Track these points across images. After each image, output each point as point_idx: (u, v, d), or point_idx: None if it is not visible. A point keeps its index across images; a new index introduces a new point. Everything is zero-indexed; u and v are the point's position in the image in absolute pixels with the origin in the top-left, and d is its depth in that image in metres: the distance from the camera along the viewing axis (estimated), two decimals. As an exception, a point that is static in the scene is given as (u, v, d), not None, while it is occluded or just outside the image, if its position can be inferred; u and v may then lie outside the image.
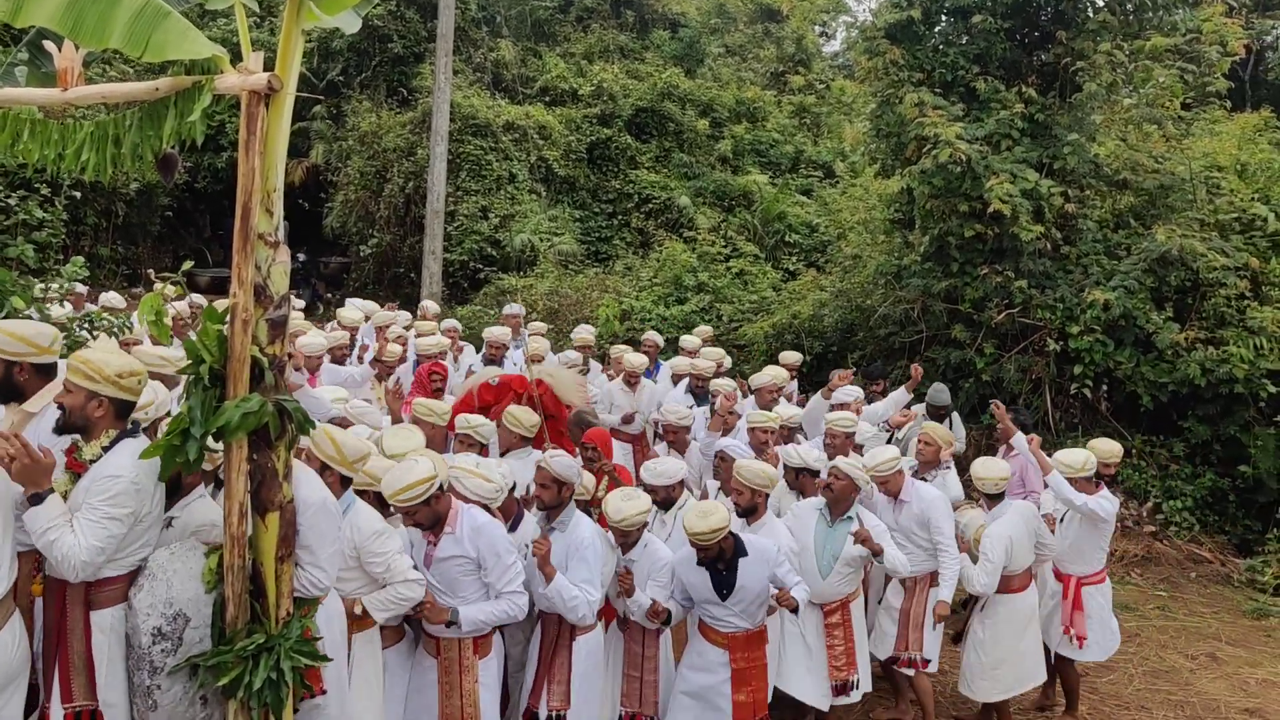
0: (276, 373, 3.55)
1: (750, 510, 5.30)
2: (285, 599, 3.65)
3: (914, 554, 5.86)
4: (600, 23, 23.09)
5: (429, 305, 12.02)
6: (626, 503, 4.85)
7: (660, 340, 10.47)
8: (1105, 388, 10.48)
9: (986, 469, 6.06)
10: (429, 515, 4.29)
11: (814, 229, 17.55)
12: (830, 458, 6.39)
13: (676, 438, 7.24)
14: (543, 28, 22.60)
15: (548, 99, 20.45)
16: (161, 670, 3.58)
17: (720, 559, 4.78)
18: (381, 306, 11.24)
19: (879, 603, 6.41)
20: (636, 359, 9.08)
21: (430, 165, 17.32)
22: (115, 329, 6.16)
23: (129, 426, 3.74)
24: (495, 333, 9.36)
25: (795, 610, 4.98)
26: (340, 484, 4.25)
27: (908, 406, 8.22)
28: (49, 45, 4.30)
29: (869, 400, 8.80)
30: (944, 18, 12.41)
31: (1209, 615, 8.80)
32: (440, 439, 6.15)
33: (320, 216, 19.99)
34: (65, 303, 7.71)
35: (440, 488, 4.31)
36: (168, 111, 3.63)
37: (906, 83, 11.34)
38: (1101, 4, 11.55)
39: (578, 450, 5.98)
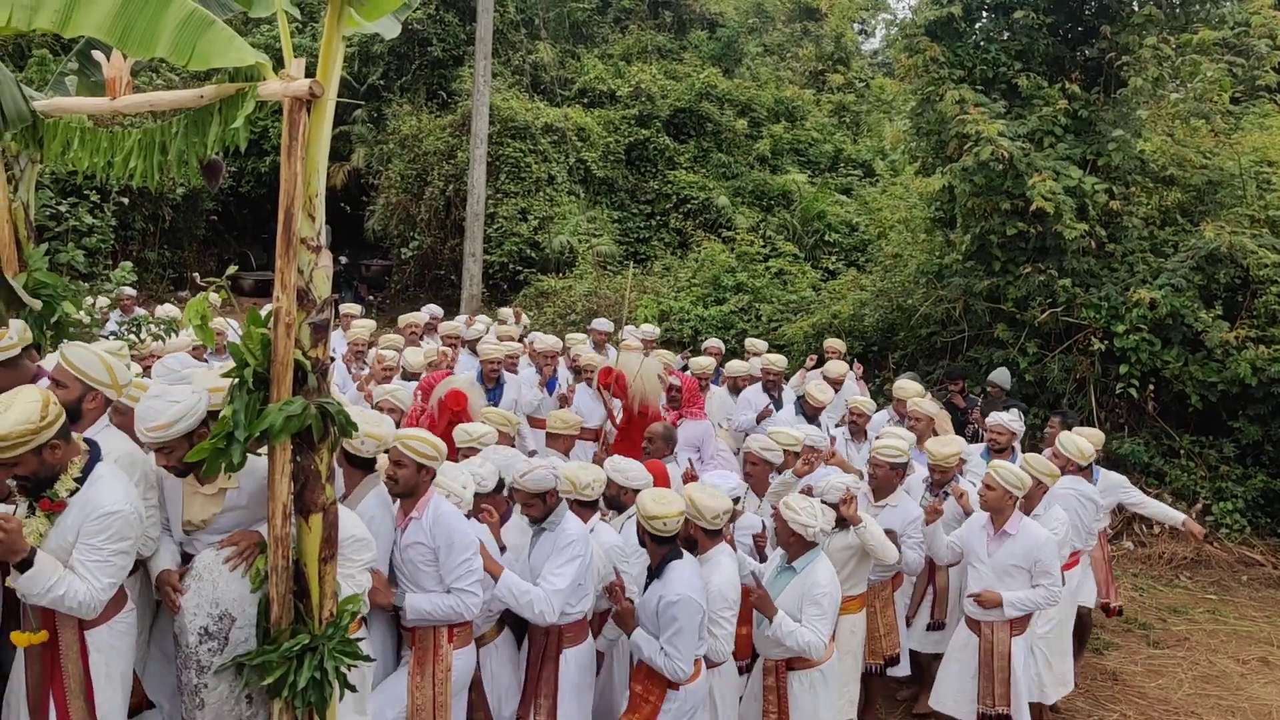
0: (319, 376, 3.59)
1: (689, 544, 4.62)
2: (329, 599, 3.69)
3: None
4: (638, 24, 23.10)
5: (507, 312, 11.80)
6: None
7: (722, 346, 10.40)
8: (1152, 387, 10.31)
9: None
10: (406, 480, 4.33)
11: (854, 228, 17.44)
12: (876, 492, 5.99)
13: (757, 472, 6.15)
14: (581, 29, 22.66)
15: (586, 100, 20.50)
16: (208, 669, 3.64)
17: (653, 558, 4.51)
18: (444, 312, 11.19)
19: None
20: (706, 361, 9.09)
21: (470, 168, 17.44)
22: (161, 334, 6.26)
23: (88, 451, 3.61)
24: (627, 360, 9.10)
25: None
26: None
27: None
28: (97, 55, 4.39)
29: (947, 400, 8.71)
30: (985, 14, 12.29)
31: (1260, 619, 8.63)
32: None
33: (362, 220, 20.20)
34: (117, 309, 7.87)
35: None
36: (213, 118, 3.70)
37: (947, 80, 11.22)
38: (1147, -2, 11.38)
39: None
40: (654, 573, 4.50)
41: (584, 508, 4.96)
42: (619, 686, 4.98)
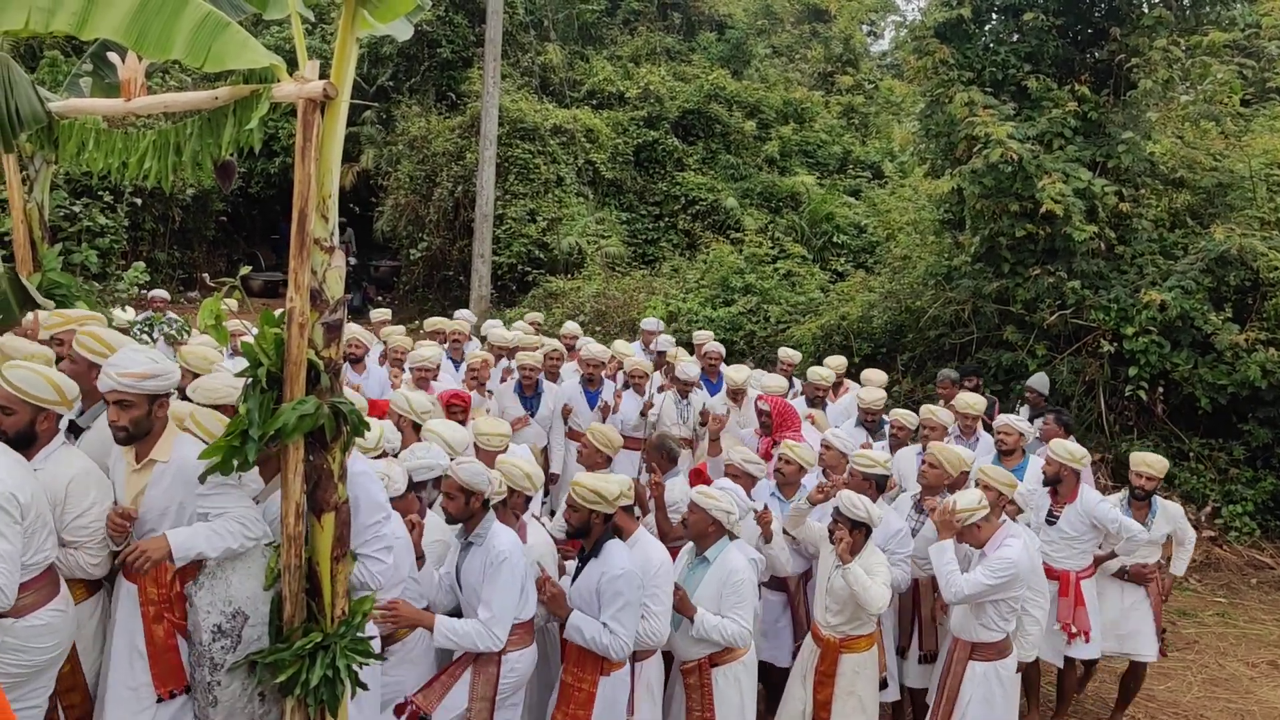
0: (332, 376, 3.61)
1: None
2: (340, 598, 3.71)
3: (983, 623, 5.06)
4: (647, 25, 23.13)
5: (530, 318, 11.61)
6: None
7: (722, 349, 9.50)
8: (1161, 390, 10.29)
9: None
10: None
11: (862, 230, 17.44)
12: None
13: (741, 484, 5.54)
14: (590, 31, 22.68)
15: (595, 102, 20.53)
16: (221, 667, 3.66)
17: (586, 538, 4.49)
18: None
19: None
20: (825, 372, 8.40)
21: (479, 169, 17.47)
22: (175, 333, 6.29)
23: None
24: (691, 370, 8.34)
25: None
26: None
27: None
28: (112, 57, 4.42)
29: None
30: (994, 16, 12.28)
31: (1270, 622, 8.61)
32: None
33: (370, 220, 20.25)
34: (127, 307, 7.90)
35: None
36: (227, 120, 3.72)
37: (956, 82, 11.22)
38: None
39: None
40: (590, 553, 4.47)
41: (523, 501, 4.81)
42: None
